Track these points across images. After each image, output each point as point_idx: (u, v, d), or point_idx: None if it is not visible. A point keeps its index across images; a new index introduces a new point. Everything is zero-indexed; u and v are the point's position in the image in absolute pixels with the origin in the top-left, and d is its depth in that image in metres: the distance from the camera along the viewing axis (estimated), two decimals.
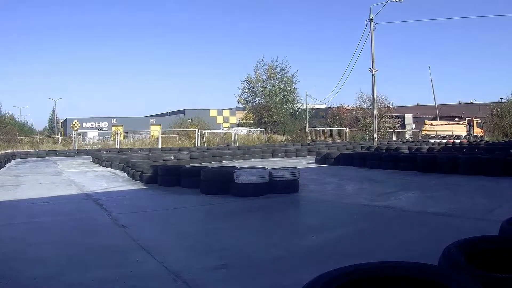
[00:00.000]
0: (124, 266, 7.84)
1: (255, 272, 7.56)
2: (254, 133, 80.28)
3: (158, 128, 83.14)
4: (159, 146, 57.06)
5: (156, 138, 64.23)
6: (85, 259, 8.33)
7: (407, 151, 39.02)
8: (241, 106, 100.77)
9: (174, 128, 75.78)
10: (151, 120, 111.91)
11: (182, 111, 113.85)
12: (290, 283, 6.64)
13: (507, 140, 71.02)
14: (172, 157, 32.44)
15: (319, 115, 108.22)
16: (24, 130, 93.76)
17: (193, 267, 7.75)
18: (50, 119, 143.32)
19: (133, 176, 22.72)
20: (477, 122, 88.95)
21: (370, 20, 51.68)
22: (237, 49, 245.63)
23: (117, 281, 7.06)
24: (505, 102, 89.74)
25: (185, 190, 18.00)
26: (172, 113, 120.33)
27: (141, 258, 8.35)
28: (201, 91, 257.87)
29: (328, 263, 5.66)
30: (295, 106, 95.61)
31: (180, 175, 19.08)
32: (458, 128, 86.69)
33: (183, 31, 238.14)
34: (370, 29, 51.90)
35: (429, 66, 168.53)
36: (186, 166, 22.14)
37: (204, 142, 61.87)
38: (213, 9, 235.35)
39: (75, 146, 61.34)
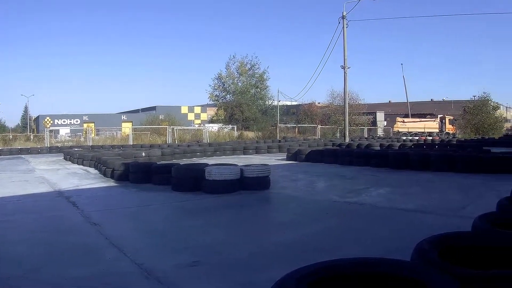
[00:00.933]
0: (97, 264, 7.80)
1: (227, 269, 7.60)
2: (225, 129, 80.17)
3: (129, 125, 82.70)
4: (131, 143, 56.73)
5: (128, 135, 63.91)
6: (58, 257, 8.30)
7: (378, 148, 39.42)
8: (212, 102, 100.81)
9: (146, 125, 75.57)
10: (122, 117, 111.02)
11: (153, 108, 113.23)
12: (263, 280, 6.56)
13: (479, 137, 71.56)
14: (143, 154, 32.33)
15: (290, 111, 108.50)
16: None
17: (166, 264, 7.76)
18: (22, 116, 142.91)
19: (104, 174, 22.58)
20: (449, 119, 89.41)
21: (343, 17, 51.93)
22: (209, 46, 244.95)
23: (91, 279, 7.03)
24: (478, 100, 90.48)
25: (157, 187, 17.95)
26: (143, 109, 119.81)
27: (114, 256, 8.35)
28: (173, 87, 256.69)
29: (299, 260, 5.66)
30: (267, 103, 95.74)
31: (151, 172, 19.00)
32: (430, 125, 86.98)
33: (154, 28, 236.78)
34: (343, 27, 52.11)
35: (401, 64, 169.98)
36: (157, 163, 21.95)
37: (175, 139, 61.68)
38: (184, 6, 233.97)
39: (47, 143, 60.50)
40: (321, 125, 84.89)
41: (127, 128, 74.64)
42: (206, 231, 10.64)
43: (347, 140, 53.05)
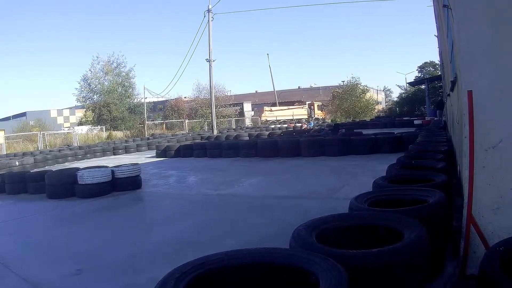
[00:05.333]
0: None
1: (110, 273, 7.45)
2: (94, 131, 78.97)
3: (1, 133, 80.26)
4: (4, 152, 54.82)
5: (1, 144, 61.96)
6: None
7: (247, 138, 39.62)
8: (80, 104, 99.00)
9: (17, 132, 73.48)
10: None
11: (24, 114, 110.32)
12: (145, 281, 6.58)
13: (350, 120, 72.88)
14: (17, 163, 31.34)
15: (157, 108, 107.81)
16: None
17: (51, 275, 7.55)
18: None
19: None
20: (318, 105, 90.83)
21: (209, 10, 51.81)
22: (75, 46, 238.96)
23: None
24: (346, 84, 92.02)
25: (33, 196, 17.33)
26: (14, 116, 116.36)
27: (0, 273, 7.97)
28: (42, 91, 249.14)
29: (179, 256, 5.55)
30: (135, 100, 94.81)
31: (26, 182, 18.34)
32: (298, 112, 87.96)
33: (18, 32, 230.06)
34: (208, 20, 52.03)
35: (267, 54, 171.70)
36: (31, 171, 21.24)
37: (46, 145, 60.29)
38: (44, 7, 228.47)
39: None
40: (188, 120, 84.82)
41: (1, 137, 72.26)
42: (85, 237, 10.36)
43: (215, 132, 53.22)
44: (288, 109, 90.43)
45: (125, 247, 8.98)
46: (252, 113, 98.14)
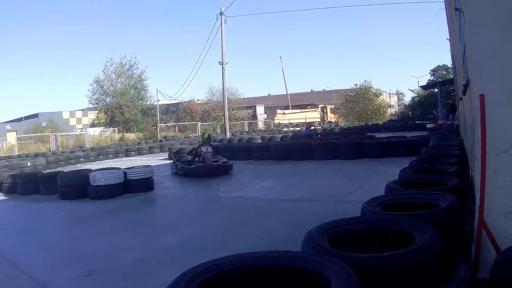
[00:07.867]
0: None
1: (121, 276, 7.45)
2: (107, 133, 78.75)
3: (14, 134, 79.94)
4: (16, 153, 54.77)
5: (13, 145, 61.85)
6: None
7: (260, 141, 39.48)
8: (92, 106, 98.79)
9: (29, 133, 73.41)
10: (7, 127, 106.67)
11: (36, 115, 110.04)
12: (156, 284, 6.60)
13: (363, 124, 72.47)
14: (29, 164, 31.35)
15: (170, 110, 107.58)
16: None
17: (62, 277, 7.55)
18: None
19: None
20: (330, 108, 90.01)
21: (221, 13, 51.76)
22: (89, 49, 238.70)
23: None
24: (359, 88, 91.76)
25: (44, 197, 17.35)
26: (26, 117, 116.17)
27: (11, 274, 8.00)
28: (54, 92, 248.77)
29: (190, 259, 5.51)
30: (148, 103, 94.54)
31: (38, 182, 18.40)
32: (311, 116, 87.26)
33: (31, 33, 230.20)
34: (221, 23, 51.97)
35: (280, 57, 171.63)
36: (43, 172, 21.32)
37: (58, 146, 60.20)
38: (57, 10, 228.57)
39: None
40: (201, 122, 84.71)
41: (13, 138, 72.06)
42: (96, 239, 10.35)
43: (228, 135, 53.17)
44: (301, 112, 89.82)
45: (137, 249, 8.98)
46: (265, 116, 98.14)
